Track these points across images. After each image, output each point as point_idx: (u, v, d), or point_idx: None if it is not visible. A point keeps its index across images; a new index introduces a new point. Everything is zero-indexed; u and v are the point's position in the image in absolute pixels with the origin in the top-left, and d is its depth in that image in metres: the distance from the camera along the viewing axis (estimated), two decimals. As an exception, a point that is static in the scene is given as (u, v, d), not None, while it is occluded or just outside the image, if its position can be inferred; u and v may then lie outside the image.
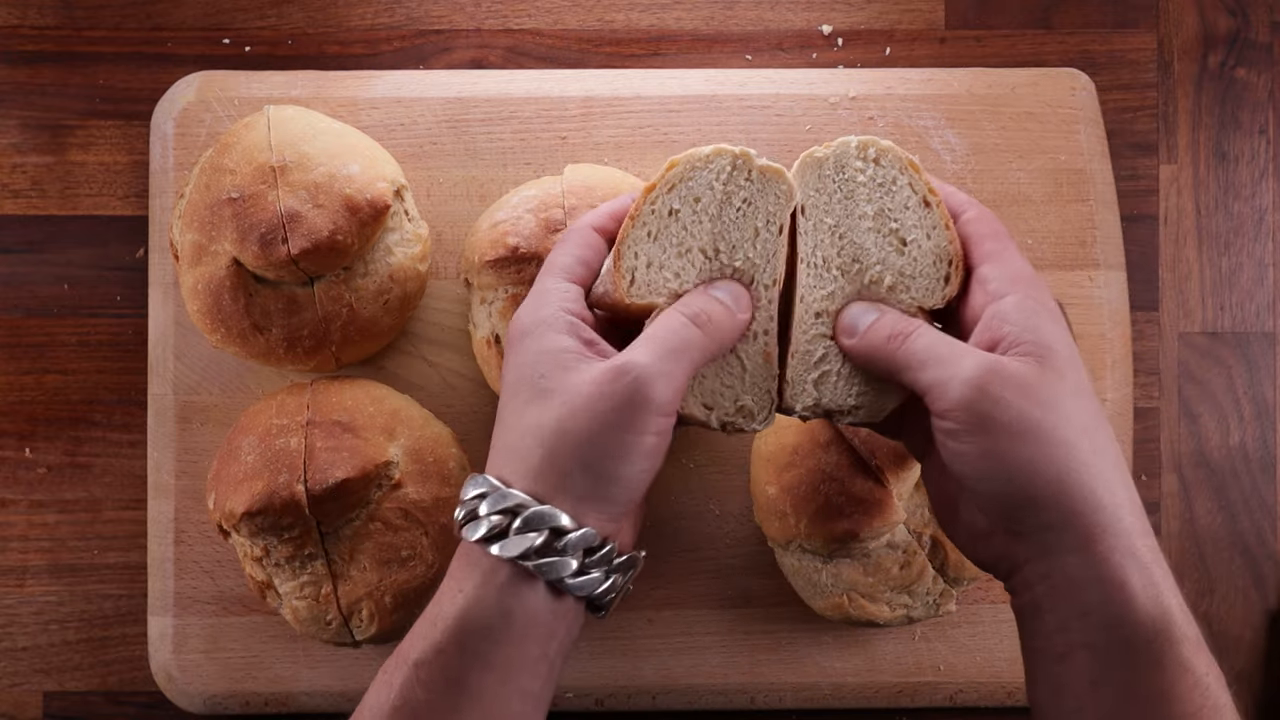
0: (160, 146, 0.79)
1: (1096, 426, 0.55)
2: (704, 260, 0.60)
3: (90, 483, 0.81)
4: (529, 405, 0.57)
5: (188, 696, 0.78)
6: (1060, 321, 0.57)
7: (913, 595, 0.72)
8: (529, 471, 0.56)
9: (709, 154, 0.60)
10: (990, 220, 0.61)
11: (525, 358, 0.58)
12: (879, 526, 0.69)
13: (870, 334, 0.59)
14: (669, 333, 0.57)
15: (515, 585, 0.55)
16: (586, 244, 0.61)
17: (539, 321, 0.58)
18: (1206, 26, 0.83)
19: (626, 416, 0.55)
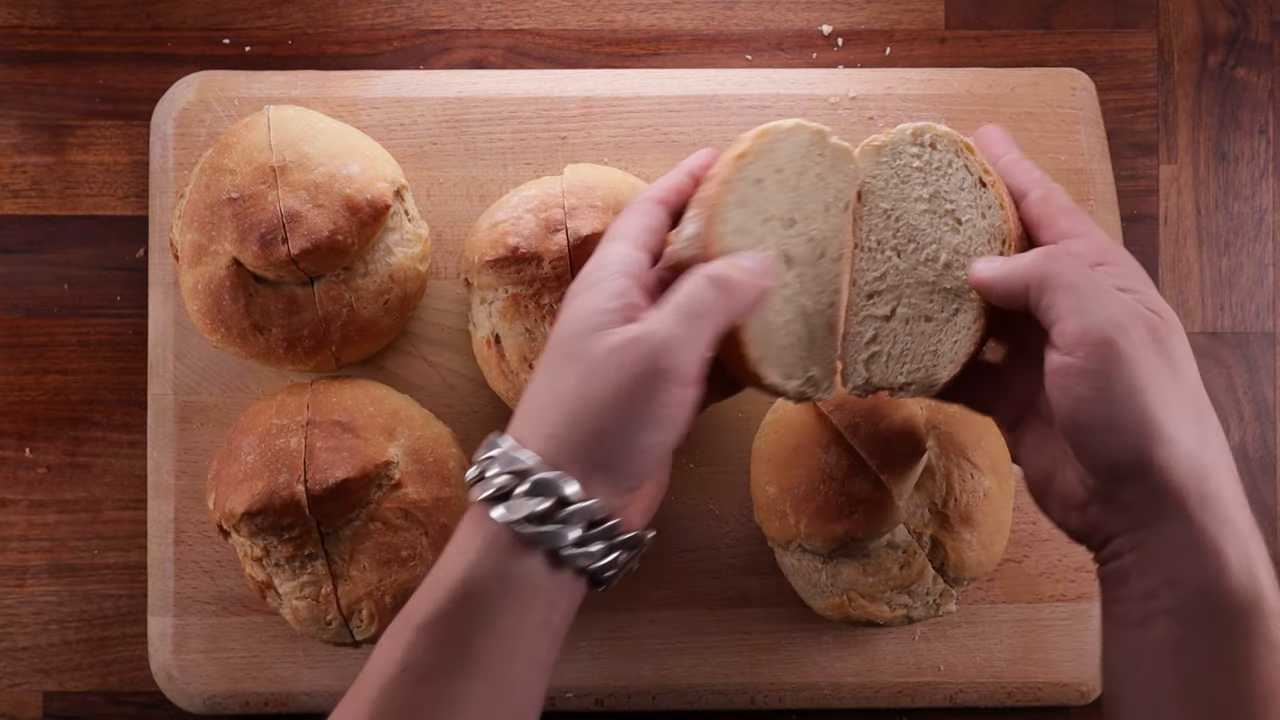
0: (160, 146, 0.79)
1: (1201, 394, 0.55)
2: (782, 229, 0.61)
3: (90, 483, 0.81)
4: (556, 369, 0.56)
5: (188, 696, 0.78)
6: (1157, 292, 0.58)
7: (913, 595, 0.72)
8: (545, 436, 0.55)
9: (791, 127, 0.61)
10: (1060, 196, 0.60)
11: (564, 320, 0.58)
12: (878, 527, 0.69)
13: (1016, 260, 0.57)
14: (689, 297, 0.56)
15: (515, 550, 0.55)
16: (652, 213, 0.61)
17: (590, 284, 0.58)
18: (1206, 26, 0.83)
19: (645, 386, 0.54)
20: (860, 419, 0.70)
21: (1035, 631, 0.78)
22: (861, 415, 0.70)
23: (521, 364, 0.72)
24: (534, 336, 0.71)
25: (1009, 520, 0.73)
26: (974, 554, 0.71)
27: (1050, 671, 0.78)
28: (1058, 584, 0.78)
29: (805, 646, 0.78)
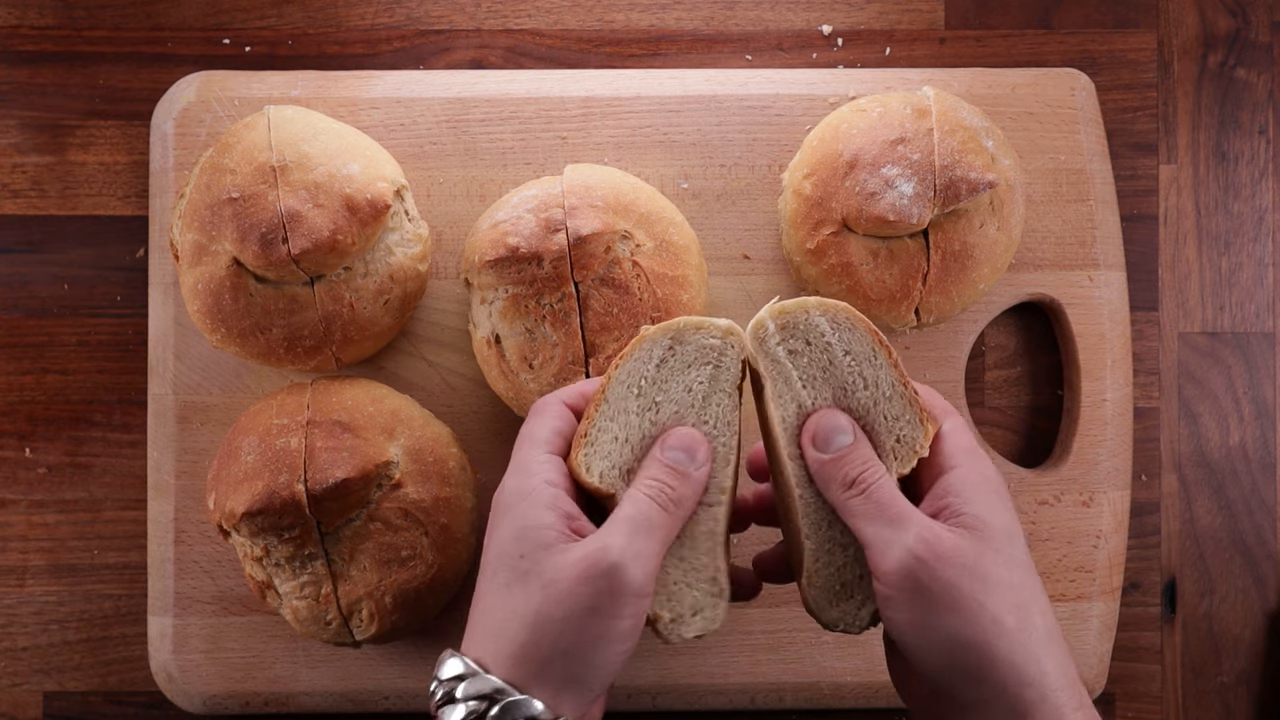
0: (160, 146, 0.79)
1: (1029, 601, 0.56)
2: (651, 429, 0.60)
3: (90, 483, 0.81)
4: (510, 588, 0.57)
5: (188, 696, 0.78)
6: (1002, 494, 0.59)
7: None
8: (508, 657, 0.56)
9: (652, 333, 0.59)
10: (937, 395, 0.62)
11: (507, 533, 0.58)
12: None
13: (836, 465, 0.59)
14: (636, 512, 0.58)
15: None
16: (559, 415, 0.61)
17: (522, 495, 0.59)
18: (1206, 26, 0.83)
19: (605, 602, 0.56)
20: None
21: (1035, 631, 0.78)
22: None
23: (521, 364, 0.72)
24: (534, 336, 0.71)
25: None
26: None
27: (1050, 671, 0.78)
28: (1058, 584, 0.78)
29: (805, 646, 0.78)
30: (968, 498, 0.58)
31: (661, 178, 0.79)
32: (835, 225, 0.73)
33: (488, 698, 0.56)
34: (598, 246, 0.70)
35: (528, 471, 0.59)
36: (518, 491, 0.59)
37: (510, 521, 0.58)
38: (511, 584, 0.57)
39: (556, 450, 0.60)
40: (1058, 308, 0.79)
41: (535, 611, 0.56)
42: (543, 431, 0.61)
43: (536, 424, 0.61)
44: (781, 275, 0.79)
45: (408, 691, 0.78)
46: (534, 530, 0.57)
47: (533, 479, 0.59)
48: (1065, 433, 0.80)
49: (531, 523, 0.58)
